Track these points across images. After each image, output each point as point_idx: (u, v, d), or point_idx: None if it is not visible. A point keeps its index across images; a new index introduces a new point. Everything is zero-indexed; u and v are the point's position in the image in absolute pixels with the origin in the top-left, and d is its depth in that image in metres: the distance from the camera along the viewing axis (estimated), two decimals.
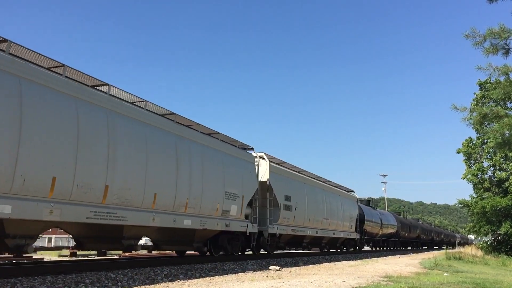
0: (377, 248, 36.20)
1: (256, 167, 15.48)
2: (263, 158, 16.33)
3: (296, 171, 19.76)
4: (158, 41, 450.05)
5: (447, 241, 73.96)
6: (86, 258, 19.07)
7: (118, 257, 16.88)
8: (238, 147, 14.67)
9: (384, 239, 35.86)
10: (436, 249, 53.78)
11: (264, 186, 15.91)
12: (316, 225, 20.22)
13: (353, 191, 28.20)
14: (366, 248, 36.48)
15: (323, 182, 22.97)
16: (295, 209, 17.69)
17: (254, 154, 15.68)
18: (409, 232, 44.47)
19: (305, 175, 20.75)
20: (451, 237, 79.81)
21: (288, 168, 18.88)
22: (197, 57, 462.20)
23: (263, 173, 15.96)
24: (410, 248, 47.64)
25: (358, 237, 27.56)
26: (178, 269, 10.07)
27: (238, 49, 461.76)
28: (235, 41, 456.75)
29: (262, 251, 17.02)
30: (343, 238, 25.10)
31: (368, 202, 35.68)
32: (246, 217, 14.52)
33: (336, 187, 25.00)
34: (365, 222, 29.21)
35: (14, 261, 12.78)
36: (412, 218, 71.12)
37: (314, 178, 21.77)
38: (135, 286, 7.59)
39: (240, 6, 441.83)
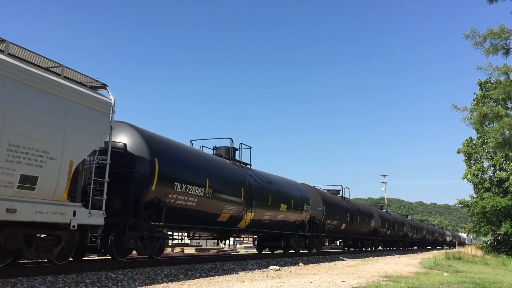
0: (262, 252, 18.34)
1: None
2: None
3: None
4: (155, 40, 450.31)
5: (432, 239, 55.10)
6: (86, 258, 19.05)
7: None
8: None
9: (269, 231, 16.49)
10: (414, 252, 36.59)
11: None
12: None
13: (106, 87, 9.05)
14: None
15: None
16: None
17: None
18: (352, 223, 25.08)
19: None
20: (438, 235, 60.06)
21: None
22: (192, 55, 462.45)
23: None
24: (354, 250, 28.39)
25: (101, 222, 8.24)
26: (178, 269, 10.07)
27: (237, 48, 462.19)
28: (234, 40, 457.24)
29: None
30: None
31: (231, 149, 15.36)
32: None
33: None
34: (175, 183, 10.56)
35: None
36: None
37: None
38: (135, 286, 7.60)
39: (236, 5, 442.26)
